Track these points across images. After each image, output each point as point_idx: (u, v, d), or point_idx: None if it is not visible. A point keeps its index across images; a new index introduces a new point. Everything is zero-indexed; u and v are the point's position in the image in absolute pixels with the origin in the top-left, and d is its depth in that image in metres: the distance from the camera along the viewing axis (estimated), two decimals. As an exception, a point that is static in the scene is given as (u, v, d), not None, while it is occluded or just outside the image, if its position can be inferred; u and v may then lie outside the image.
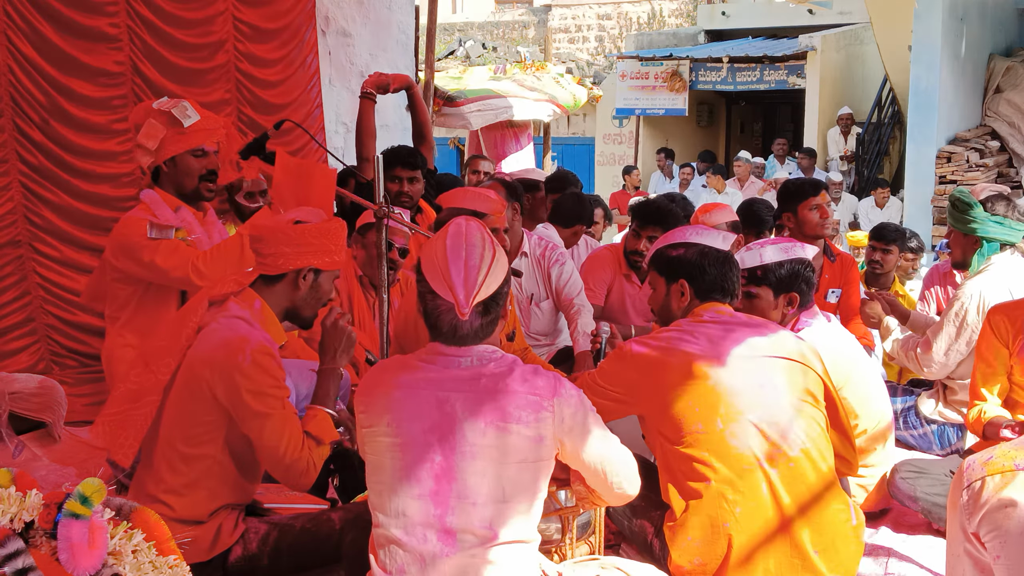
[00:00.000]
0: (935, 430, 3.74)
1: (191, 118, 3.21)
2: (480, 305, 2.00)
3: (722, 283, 2.57)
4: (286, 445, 2.36)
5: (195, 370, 2.38)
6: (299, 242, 2.48)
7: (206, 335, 2.41)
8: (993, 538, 1.63)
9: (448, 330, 2.02)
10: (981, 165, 10.30)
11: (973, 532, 1.66)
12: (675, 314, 2.61)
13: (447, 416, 1.97)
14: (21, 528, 1.56)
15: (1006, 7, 11.22)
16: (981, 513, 1.64)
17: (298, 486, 2.46)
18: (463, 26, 20.35)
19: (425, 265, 2.04)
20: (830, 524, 2.38)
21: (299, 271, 2.52)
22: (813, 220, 4.29)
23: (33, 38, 4.22)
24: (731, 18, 16.02)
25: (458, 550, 1.95)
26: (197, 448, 2.40)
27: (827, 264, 4.43)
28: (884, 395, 3.23)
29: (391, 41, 6.48)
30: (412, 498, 1.96)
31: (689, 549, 2.36)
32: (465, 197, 3.49)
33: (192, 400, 2.39)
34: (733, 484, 2.34)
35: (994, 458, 1.67)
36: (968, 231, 3.60)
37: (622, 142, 15.57)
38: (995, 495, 1.62)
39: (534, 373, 2.02)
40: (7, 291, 4.27)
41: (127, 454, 2.41)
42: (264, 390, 2.35)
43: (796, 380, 2.46)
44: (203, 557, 2.40)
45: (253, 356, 2.34)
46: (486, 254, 2.01)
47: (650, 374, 2.44)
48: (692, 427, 2.37)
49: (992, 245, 3.56)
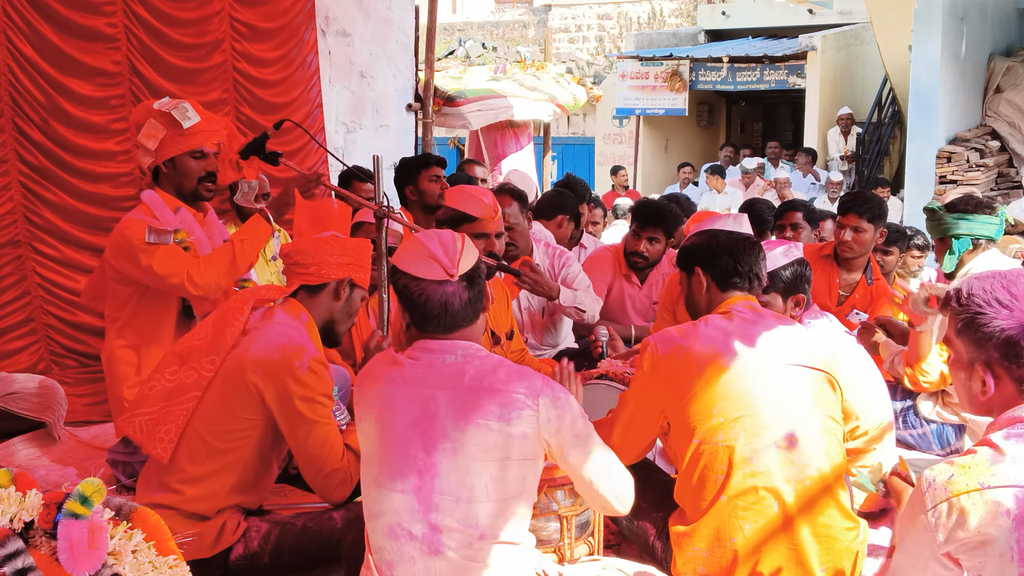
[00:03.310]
0: (934, 430, 3.74)
1: (191, 119, 3.21)
2: (464, 278, 2.05)
3: (737, 266, 2.49)
4: (328, 454, 2.43)
5: (244, 369, 2.41)
6: (340, 252, 2.60)
7: (259, 337, 2.46)
8: (971, 557, 1.62)
9: (439, 311, 2.04)
10: (981, 165, 10.30)
11: (944, 553, 1.65)
12: (700, 307, 2.55)
13: (430, 413, 1.99)
14: (21, 528, 1.56)
15: (1006, 7, 11.22)
16: (954, 537, 1.62)
17: (333, 498, 2.50)
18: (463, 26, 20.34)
19: (400, 259, 2.09)
20: (838, 542, 2.34)
21: (340, 281, 2.62)
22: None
23: (32, 38, 4.22)
24: (731, 18, 16.02)
25: (444, 548, 1.96)
26: (227, 444, 2.44)
27: (862, 283, 4.30)
28: (885, 395, 3.23)
29: (391, 41, 6.49)
30: (397, 492, 1.98)
31: (695, 558, 2.33)
32: (460, 198, 3.50)
33: (234, 398, 2.42)
34: (745, 500, 2.28)
35: (955, 476, 1.65)
36: (941, 234, 3.70)
37: (622, 142, 15.57)
38: (967, 518, 1.60)
39: (520, 373, 2.03)
40: (7, 291, 4.27)
41: (166, 448, 2.44)
42: (315, 398, 2.42)
43: (822, 395, 2.40)
44: (205, 554, 2.41)
45: (311, 364, 2.41)
46: (455, 236, 2.13)
47: (673, 381, 2.36)
48: (713, 438, 2.30)
49: (962, 243, 3.64)
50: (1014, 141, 10.61)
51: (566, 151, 15.87)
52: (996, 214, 3.66)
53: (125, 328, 3.30)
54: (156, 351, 3.19)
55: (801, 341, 2.45)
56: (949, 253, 3.65)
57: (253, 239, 3.22)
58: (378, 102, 6.43)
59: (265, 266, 4.24)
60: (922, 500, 1.67)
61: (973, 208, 3.65)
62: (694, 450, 2.32)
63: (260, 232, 3.23)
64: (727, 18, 16.06)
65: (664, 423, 2.41)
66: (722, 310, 2.48)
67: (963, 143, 10.45)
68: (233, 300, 2.59)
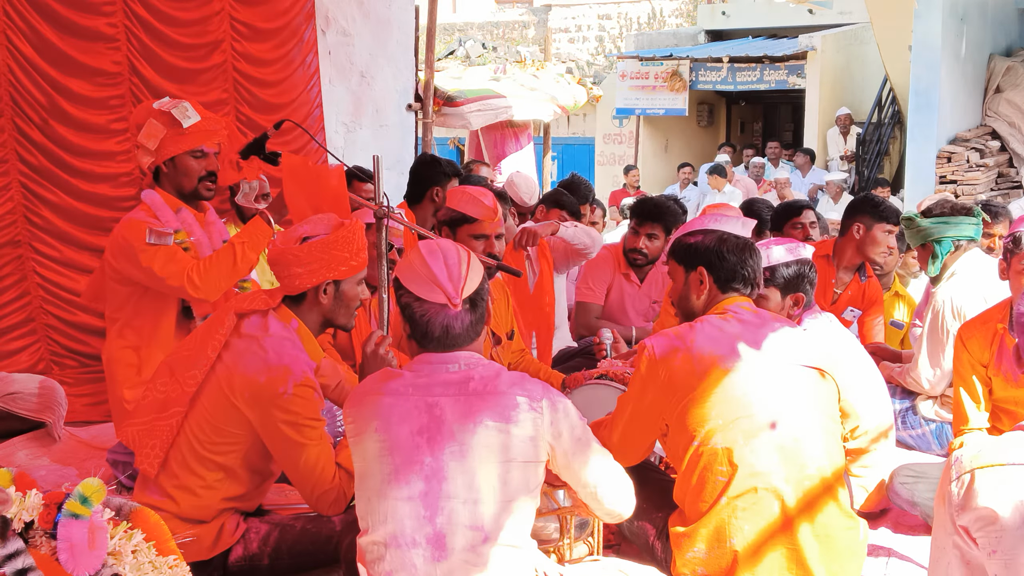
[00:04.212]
0: (933, 430, 3.74)
1: (191, 119, 3.21)
2: (467, 301, 2.05)
3: (742, 271, 2.48)
4: (319, 475, 2.39)
5: (232, 383, 2.37)
6: (308, 260, 2.44)
7: (247, 351, 2.40)
8: (987, 534, 1.63)
9: (441, 333, 2.04)
10: (981, 165, 10.31)
11: (962, 526, 1.67)
12: (695, 305, 2.53)
13: (436, 418, 1.99)
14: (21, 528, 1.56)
15: (1006, 7, 11.22)
16: (972, 508, 1.64)
17: (327, 514, 2.48)
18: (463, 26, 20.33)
19: (404, 276, 2.08)
20: (838, 541, 2.34)
21: (317, 287, 2.49)
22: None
23: (32, 38, 4.22)
24: (731, 18, 16.02)
25: (448, 553, 1.95)
26: (216, 455, 2.42)
27: (855, 281, 4.31)
28: (885, 395, 3.23)
29: (391, 41, 6.49)
30: (402, 500, 1.98)
31: (694, 559, 2.33)
32: (460, 199, 3.50)
33: (222, 412, 2.40)
34: (745, 501, 2.28)
35: (983, 452, 1.68)
36: (922, 241, 3.71)
37: (622, 142, 15.58)
38: (986, 490, 1.63)
39: (521, 378, 2.05)
40: (7, 291, 4.27)
41: (152, 464, 2.43)
42: (302, 422, 2.36)
43: (821, 395, 2.40)
44: (204, 556, 2.41)
45: (295, 389, 2.34)
46: (461, 254, 2.10)
47: (671, 384, 2.35)
48: (712, 440, 2.29)
49: (944, 245, 3.65)
50: (1014, 141, 10.61)
51: (566, 151, 15.87)
52: (974, 215, 3.69)
53: (125, 328, 3.30)
54: (156, 352, 3.19)
55: (798, 341, 2.44)
56: (932, 257, 3.67)
57: (254, 241, 3.21)
58: (378, 102, 6.42)
59: (266, 267, 4.24)
60: (949, 473, 1.71)
61: (951, 211, 3.68)
62: (693, 452, 2.32)
63: (261, 234, 3.23)
64: (727, 18, 16.06)
65: (663, 425, 2.40)
66: (718, 311, 2.48)
67: (963, 143, 10.45)
68: (219, 312, 2.54)
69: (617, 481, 2.15)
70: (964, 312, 3.48)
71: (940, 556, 1.74)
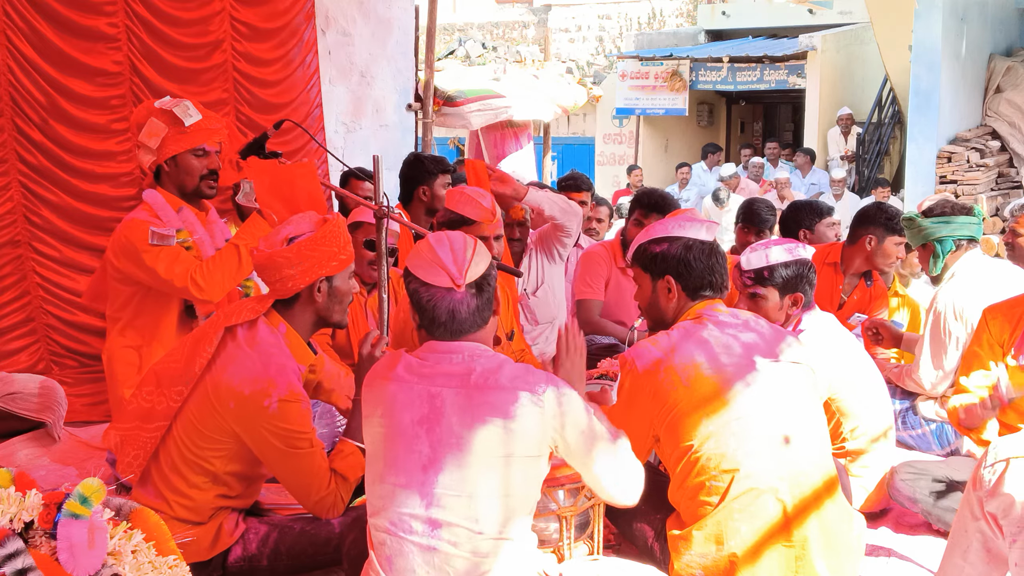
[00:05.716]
0: (934, 430, 3.74)
1: (192, 117, 3.22)
2: (473, 286, 2.06)
3: (709, 277, 2.47)
4: (313, 483, 2.39)
5: (220, 393, 2.37)
6: (298, 261, 2.41)
7: (235, 360, 2.39)
8: (1010, 522, 1.66)
9: (447, 318, 2.06)
10: (981, 165, 10.30)
11: (991, 513, 1.69)
12: (665, 312, 2.51)
13: (436, 409, 2.00)
14: (21, 528, 1.56)
15: (1006, 7, 11.22)
16: (1000, 494, 1.67)
17: (325, 518, 2.48)
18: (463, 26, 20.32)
19: (412, 263, 2.10)
20: (837, 540, 2.33)
21: (311, 286, 2.47)
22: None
23: (32, 38, 4.22)
24: (731, 18, 16.02)
25: (444, 544, 1.97)
26: (203, 460, 2.42)
27: (861, 285, 4.30)
28: (885, 395, 3.23)
29: (391, 41, 6.49)
30: (400, 487, 2.00)
31: (692, 561, 2.32)
32: (459, 201, 3.49)
33: (210, 419, 2.39)
34: (742, 502, 2.27)
35: (1020, 444, 1.72)
36: (923, 241, 3.70)
37: (622, 142, 15.57)
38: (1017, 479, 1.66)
39: (525, 370, 2.05)
40: (7, 291, 4.27)
41: (133, 471, 2.44)
42: (289, 434, 2.36)
43: (810, 392, 2.40)
44: (203, 556, 2.41)
45: (279, 405, 2.33)
46: (467, 241, 2.13)
47: (657, 396, 2.34)
48: (705, 445, 2.29)
49: (945, 245, 3.65)
50: (1014, 141, 10.60)
51: (566, 151, 15.86)
52: (974, 214, 3.69)
53: (127, 328, 3.30)
54: (158, 351, 3.19)
55: (780, 338, 2.45)
56: (934, 257, 3.67)
57: (254, 240, 3.21)
58: (378, 102, 6.43)
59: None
60: (983, 459, 1.75)
61: (951, 211, 3.68)
62: (687, 459, 2.32)
63: (260, 232, 3.23)
64: (727, 18, 16.06)
65: (654, 436, 2.39)
66: (692, 316, 2.46)
67: (963, 143, 10.45)
68: (207, 324, 2.52)
69: (622, 472, 2.15)
70: (966, 314, 3.47)
71: (960, 537, 1.77)
